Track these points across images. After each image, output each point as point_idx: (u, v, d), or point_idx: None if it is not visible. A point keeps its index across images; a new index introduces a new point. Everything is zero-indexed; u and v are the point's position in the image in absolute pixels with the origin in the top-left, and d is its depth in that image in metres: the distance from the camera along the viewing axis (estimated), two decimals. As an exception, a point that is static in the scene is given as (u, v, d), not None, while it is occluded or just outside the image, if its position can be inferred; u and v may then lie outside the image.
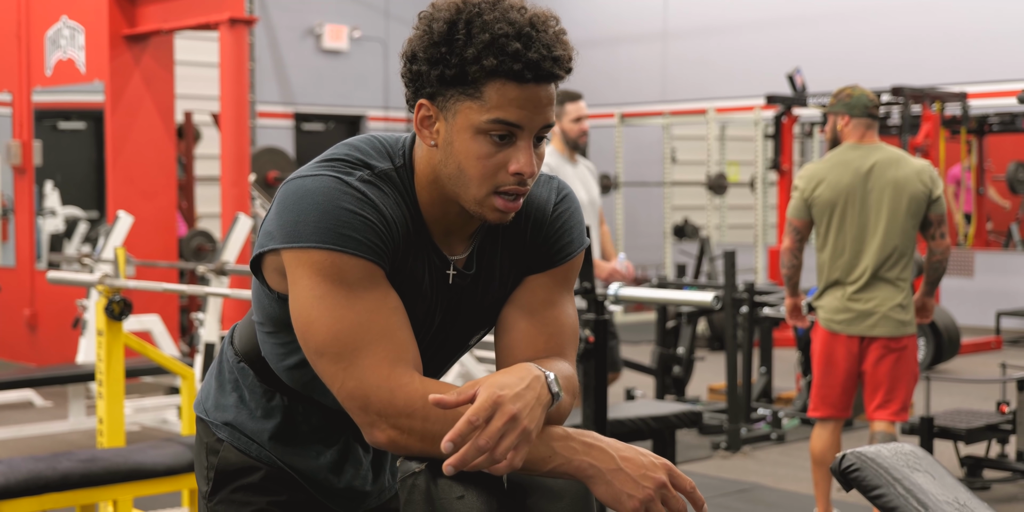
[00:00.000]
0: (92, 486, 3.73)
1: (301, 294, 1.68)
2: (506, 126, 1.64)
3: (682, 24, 13.52)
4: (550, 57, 1.63)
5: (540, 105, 1.65)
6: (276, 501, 1.91)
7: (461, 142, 1.66)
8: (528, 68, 1.62)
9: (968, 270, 10.64)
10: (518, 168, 1.66)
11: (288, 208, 1.68)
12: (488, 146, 1.66)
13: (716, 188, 11.66)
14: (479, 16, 1.63)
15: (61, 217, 9.25)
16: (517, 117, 1.64)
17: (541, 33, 1.64)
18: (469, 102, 1.64)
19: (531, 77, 1.62)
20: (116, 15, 8.09)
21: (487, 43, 1.61)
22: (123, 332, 4.25)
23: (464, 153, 1.67)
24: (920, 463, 2.34)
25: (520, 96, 1.63)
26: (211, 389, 1.97)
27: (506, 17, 1.63)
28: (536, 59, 1.62)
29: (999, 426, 5.38)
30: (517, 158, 1.66)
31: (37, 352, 8.74)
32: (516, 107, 1.63)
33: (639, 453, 1.66)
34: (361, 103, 13.82)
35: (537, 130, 1.67)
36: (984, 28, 11.36)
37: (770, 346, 7.03)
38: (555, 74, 1.65)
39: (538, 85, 1.64)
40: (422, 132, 1.71)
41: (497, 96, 1.63)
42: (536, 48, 1.62)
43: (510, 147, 1.66)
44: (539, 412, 1.60)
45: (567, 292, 1.85)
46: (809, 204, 4.56)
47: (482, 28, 1.62)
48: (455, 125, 1.66)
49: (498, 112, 1.63)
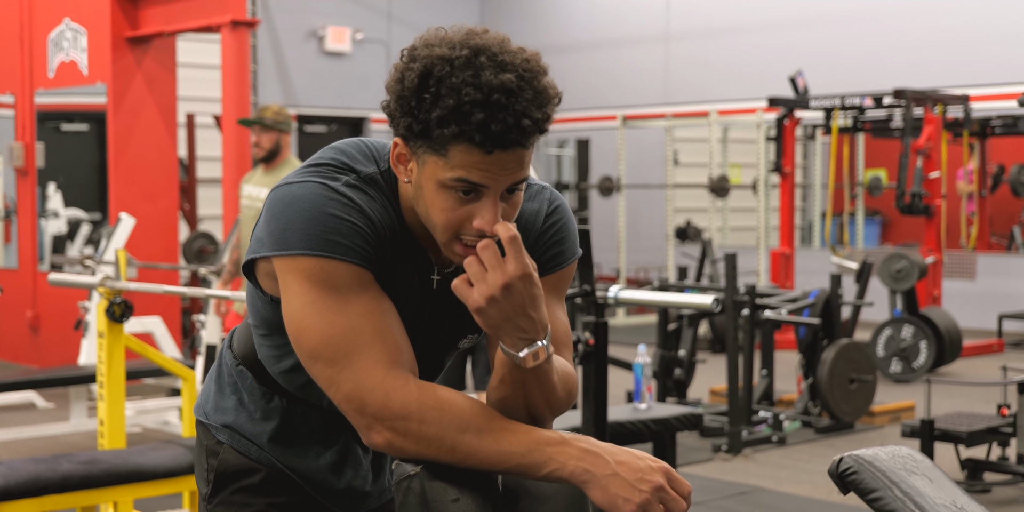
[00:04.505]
0: (92, 488, 3.73)
1: (292, 301, 1.69)
2: (470, 185, 1.63)
3: (684, 26, 13.52)
4: (516, 127, 1.59)
5: (505, 168, 1.62)
6: (276, 503, 1.91)
7: (428, 191, 1.66)
8: (489, 140, 1.58)
9: (970, 273, 10.63)
10: (480, 226, 1.64)
11: (276, 215, 1.69)
12: (452, 200, 1.64)
13: (718, 190, 11.66)
14: (449, 76, 1.58)
15: (63, 219, 9.26)
16: (480, 178, 1.62)
17: (514, 98, 1.58)
18: (435, 157, 1.63)
19: (492, 148, 1.59)
20: (118, 17, 8.10)
21: (451, 109, 1.58)
22: (124, 334, 4.26)
23: (430, 202, 1.66)
24: (918, 466, 2.34)
25: (483, 161, 1.60)
26: (210, 392, 1.98)
27: (477, 80, 1.58)
28: (499, 131, 1.58)
29: (1000, 429, 5.38)
30: (481, 215, 1.64)
31: (39, 354, 8.75)
32: (480, 170, 1.61)
33: (636, 457, 1.65)
34: (363, 105, 13.83)
35: (505, 187, 1.65)
36: (986, 30, 11.36)
37: (771, 349, 7.03)
38: (520, 143, 1.61)
39: (505, 151, 1.61)
40: (398, 168, 1.71)
41: (461, 157, 1.60)
42: (502, 117, 1.58)
43: (475, 202, 1.64)
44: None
45: (558, 300, 1.86)
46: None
47: (449, 91, 1.58)
48: (424, 173, 1.66)
49: (462, 171, 1.61)
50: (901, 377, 8.57)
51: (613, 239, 12.94)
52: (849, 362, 6.75)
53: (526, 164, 1.65)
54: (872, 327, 9.25)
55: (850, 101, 9.74)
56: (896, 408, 7.14)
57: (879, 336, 8.66)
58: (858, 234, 12.81)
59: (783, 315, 6.59)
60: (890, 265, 8.78)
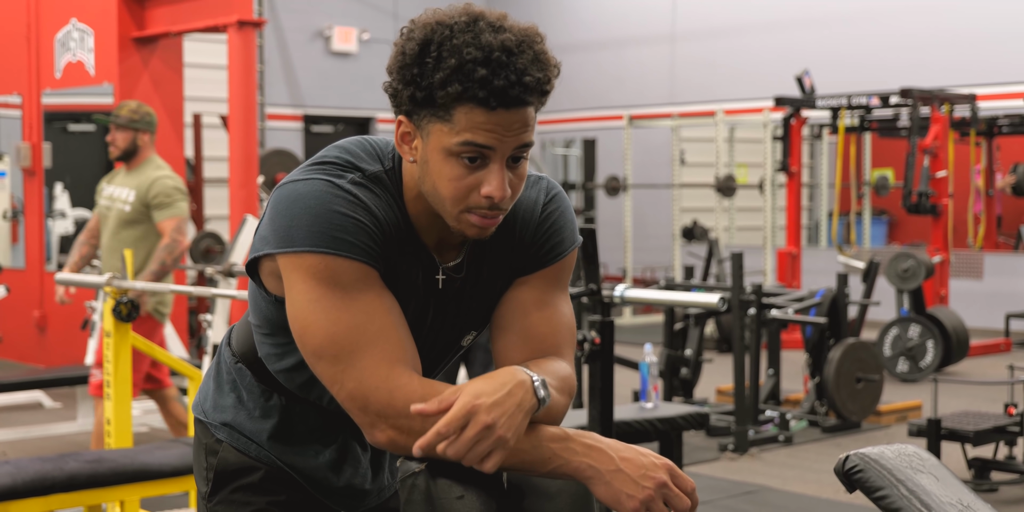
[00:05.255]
0: (99, 487, 3.74)
1: (297, 298, 1.68)
2: (476, 148, 1.63)
3: (690, 26, 13.52)
4: (518, 83, 1.60)
5: (511, 129, 1.63)
6: (275, 501, 1.91)
7: (435, 162, 1.66)
8: (493, 95, 1.59)
9: (977, 272, 10.61)
10: (489, 192, 1.64)
11: (281, 213, 1.68)
12: (460, 168, 1.65)
13: (725, 190, 11.65)
14: (450, 39, 1.60)
15: (71, 219, 9.28)
16: (486, 140, 1.62)
17: (514, 57, 1.60)
18: (440, 124, 1.63)
19: (496, 104, 1.60)
20: (125, 17, 8.11)
21: (453, 68, 1.59)
22: (131, 334, 4.26)
23: (437, 174, 1.66)
24: (924, 464, 2.33)
25: (488, 121, 1.61)
26: (209, 390, 1.98)
27: (477, 41, 1.60)
28: (502, 86, 1.59)
29: (1007, 428, 5.37)
30: (489, 181, 1.64)
31: (46, 353, 8.76)
32: (485, 131, 1.61)
33: (639, 453, 1.65)
34: (370, 105, 13.84)
35: (511, 151, 1.65)
36: (993, 29, 11.34)
37: (778, 348, 7.03)
38: (524, 100, 1.62)
39: (508, 110, 1.61)
40: (402, 148, 1.71)
41: (465, 120, 1.61)
42: (504, 74, 1.59)
43: (483, 169, 1.65)
44: (520, 418, 1.60)
45: (561, 291, 1.85)
46: None
47: (451, 52, 1.60)
48: (429, 145, 1.66)
49: (467, 134, 1.62)
50: (908, 376, 8.55)
51: (619, 239, 12.94)
52: (856, 361, 6.74)
53: (530, 127, 1.65)
54: (879, 326, 9.24)
55: (857, 100, 9.73)
56: (903, 407, 7.13)
57: (886, 335, 8.65)
58: (865, 233, 12.79)
59: (790, 314, 6.58)
60: (897, 264, 8.77)
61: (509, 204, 1.69)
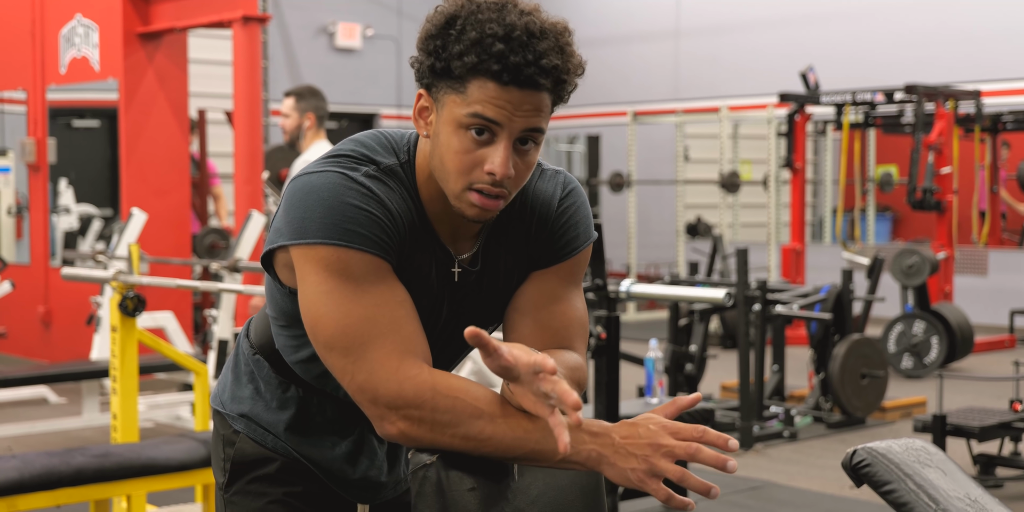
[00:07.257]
0: (106, 481, 3.74)
1: (309, 290, 1.69)
2: (484, 121, 1.64)
3: (694, 22, 13.51)
4: (534, 64, 1.62)
5: (520, 108, 1.64)
6: (292, 492, 1.92)
7: (445, 135, 1.68)
8: (506, 70, 1.61)
9: (982, 269, 10.61)
10: (491, 168, 1.65)
11: (295, 205, 1.69)
12: (467, 142, 1.66)
13: (729, 186, 11.64)
14: (475, 14, 1.64)
15: (75, 214, 9.28)
16: (495, 114, 1.63)
17: (537, 40, 1.63)
18: (454, 96, 1.66)
19: (508, 80, 1.62)
20: (130, 13, 8.12)
21: (473, 41, 1.62)
22: (137, 328, 4.27)
23: (446, 146, 1.68)
24: (931, 459, 2.34)
25: (499, 96, 1.63)
26: (227, 382, 1.99)
27: (501, 19, 1.63)
28: (517, 63, 1.61)
29: (1012, 424, 5.37)
30: (492, 159, 1.65)
31: (51, 349, 8.78)
32: (494, 106, 1.63)
33: (635, 425, 1.65)
34: (374, 101, 13.84)
35: (518, 132, 1.66)
36: (998, 26, 11.33)
37: (782, 344, 7.02)
38: (536, 81, 1.63)
39: (520, 89, 1.63)
40: (418, 122, 1.73)
41: (478, 92, 1.63)
42: (521, 53, 1.61)
43: (489, 146, 1.66)
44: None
45: (575, 286, 1.86)
46: None
47: (473, 26, 1.63)
48: (442, 117, 1.68)
49: (477, 106, 1.63)
50: (913, 373, 8.55)
51: (624, 235, 12.93)
52: (860, 357, 6.74)
53: (543, 113, 1.66)
54: (883, 323, 9.23)
55: (861, 97, 9.72)
56: (908, 403, 7.13)
57: (890, 332, 8.65)
58: (869, 230, 12.79)
59: (794, 310, 6.58)
60: (901, 261, 8.77)
61: (512, 188, 1.69)
